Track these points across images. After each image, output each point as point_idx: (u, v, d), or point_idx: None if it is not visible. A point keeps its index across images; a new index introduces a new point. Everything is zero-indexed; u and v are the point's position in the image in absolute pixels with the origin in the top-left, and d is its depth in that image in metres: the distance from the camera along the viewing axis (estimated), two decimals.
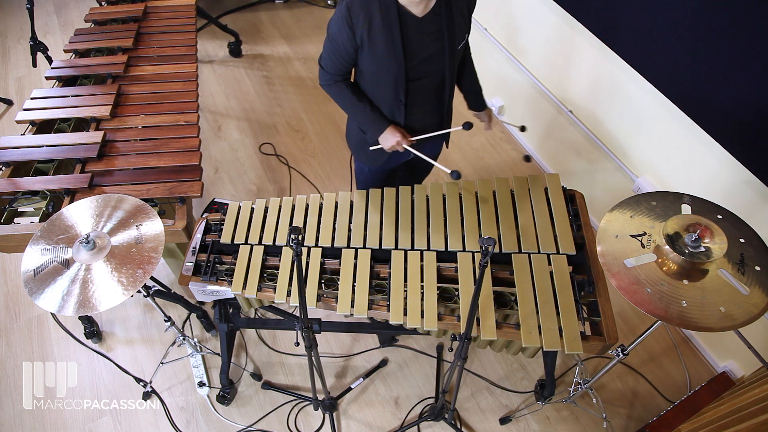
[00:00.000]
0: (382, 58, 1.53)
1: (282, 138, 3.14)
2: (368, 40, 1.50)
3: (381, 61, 1.54)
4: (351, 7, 1.46)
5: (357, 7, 1.46)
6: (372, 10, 1.46)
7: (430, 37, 1.54)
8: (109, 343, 2.34)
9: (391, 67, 1.55)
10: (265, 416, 2.13)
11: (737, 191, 1.85)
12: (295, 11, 4.01)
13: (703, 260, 1.23)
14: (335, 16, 1.52)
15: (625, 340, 2.29)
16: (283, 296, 1.61)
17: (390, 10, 1.47)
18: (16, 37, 3.85)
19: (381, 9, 1.46)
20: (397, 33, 1.49)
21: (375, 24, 1.48)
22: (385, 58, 1.53)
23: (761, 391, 1.57)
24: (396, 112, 1.67)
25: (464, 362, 1.53)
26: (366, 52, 1.54)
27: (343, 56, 1.58)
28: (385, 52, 1.52)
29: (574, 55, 2.36)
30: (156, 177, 1.94)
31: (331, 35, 1.56)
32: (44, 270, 1.42)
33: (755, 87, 1.60)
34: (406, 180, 2.18)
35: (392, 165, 1.92)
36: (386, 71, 1.57)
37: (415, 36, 1.52)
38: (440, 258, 1.64)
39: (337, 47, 1.56)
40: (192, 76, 2.37)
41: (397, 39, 1.50)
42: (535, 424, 2.10)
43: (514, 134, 3.08)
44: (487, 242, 1.08)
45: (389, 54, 1.52)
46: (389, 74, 1.57)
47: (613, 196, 2.48)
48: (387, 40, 1.50)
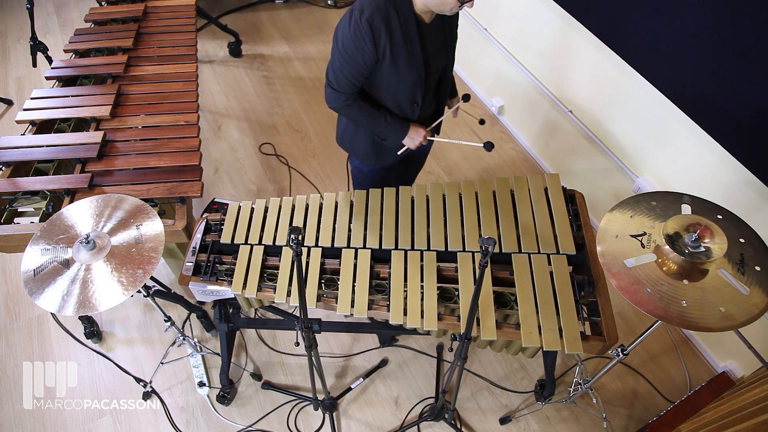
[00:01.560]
0: (403, 68, 1.54)
1: (282, 138, 3.13)
2: (390, 53, 1.49)
3: (401, 71, 1.55)
4: (373, 23, 1.42)
5: (379, 22, 1.42)
6: (392, 24, 1.45)
7: (438, 41, 1.58)
8: (109, 343, 2.34)
9: (411, 75, 1.56)
10: (265, 416, 2.13)
11: (737, 191, 1.85)
12: (295, 11, 4.01)
13: (703, 260, 1.23)
14: (351, 35, 1.45)
15: (625, 340, 2.29)
16: (283, 296, 1.61)
17: (409, 22, 1.47)
18: (16, 37, 3.85)
19: (401, 21, 1.46)
20: (418, 44, 1.51)
21: (396, 37, 1.47)
22: (405, 68, 1.54)
23: (761, 391, 1.57)
24: (409, 111, 1.70)
25: (464, 362, 1.53)
26: (386, 64, 1.52)
27: (363, 74, 1.55)
28: (407, 62, 1.52)
29: (574, 54, 2.37)
30: (156, 177, 1.94)
31: (347, 55, 1.49)
32: (44, 270, 1.42)
33: (755, 87, 1.60)
34: (401, 174, 2.22)
35: (390, 162, 1.93)
36: (405, 80, 1.58)
37: (429, 43, 1.55)
38: (440, 258, 1.64)
39: (357, 66, 1.51)
40: (192, 76, 2.37)
41: (418, 50, 1.52)
42: (535, 424, 2.10)
43: (515, 134, 3.08)
44: (487, 242, 1.08)
45: (410, 63, 1.53)
46: (408, 82, 1.59)
47: (613, 196, 2.48)
48: (409, 52, 1.51)
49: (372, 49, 1.46)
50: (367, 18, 1.41)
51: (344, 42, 1.48)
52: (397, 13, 1.44)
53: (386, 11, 1.43)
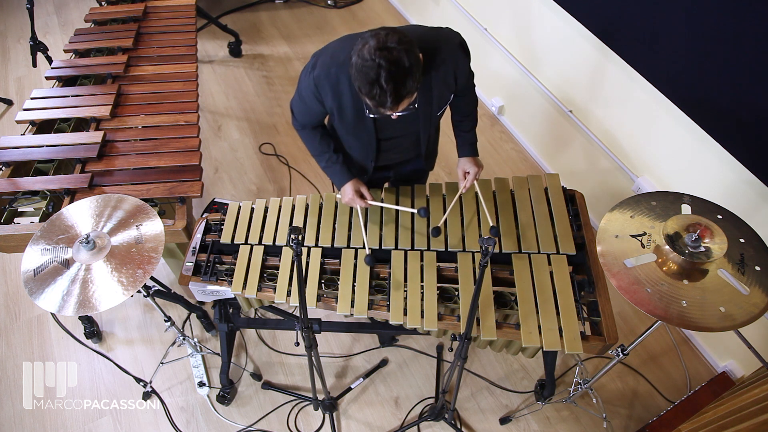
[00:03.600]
0: (353, 128, 1.53)
1: (282, 138, 3.13)
2: (338, 112, 1.47)
3: (351, 130, 1.54)
4: (318, 84, 1.40)
5: (324, 84, 1.40)
6: (341, 87, 1.40)
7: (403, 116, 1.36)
8: (109, 343, 2.34)
9: (362, 137, 1.56)
10: (265, 416, 2.13)
11: (737, 191, 1.85)
12: (295, 11, 4.01)
13: (703, 260, 1.23)
14: (304, 83, 1.44)
15: (625, 340, 2.29)
16: (283, 296, 1.61)
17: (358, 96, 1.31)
18: (16, 37, 3.85)
19: (351, 87, 1.36)
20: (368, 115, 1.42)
21: (345, 99, 1.43)
22: (354, 129, 1.53)
23: (761, 391, 1.57)
24: (365, 164, 1.69)
25: (464, 362, 1.53)
26: (336, 119, 1.52)
27: (312, 116, 1.57)
28: (354, 125, 1.51)
29: (574, 54, 2.36)
30: (156, 177, 1.94)
31: (301, 94, 1.49)
32: (44, 270, 1.42)
33: (755, 87, 1.60)
34: None
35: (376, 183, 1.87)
36: (357, 136, 1.58)
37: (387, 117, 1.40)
38: (440, 258, 1.64)
39: (306, 108, 1.52)
40: (192, 76, 2.37)
41: (368, 118, 1.45)
42: (535, 424, 2.10)
43: (515, 134, 3.08)
44: (487, 242, 1.08)
45: (359, 127, 1.52)
46: (360, 139, 1.58)
47: (613, 196, 2.48)
48: (357, 117, 1.47)
49: (318, 104, 1.47)
50: (314, 77, 1.40)
51: (300, 81, 1.49)
52: (348, 79, 1.35)
53: (336, 78, 1.38)
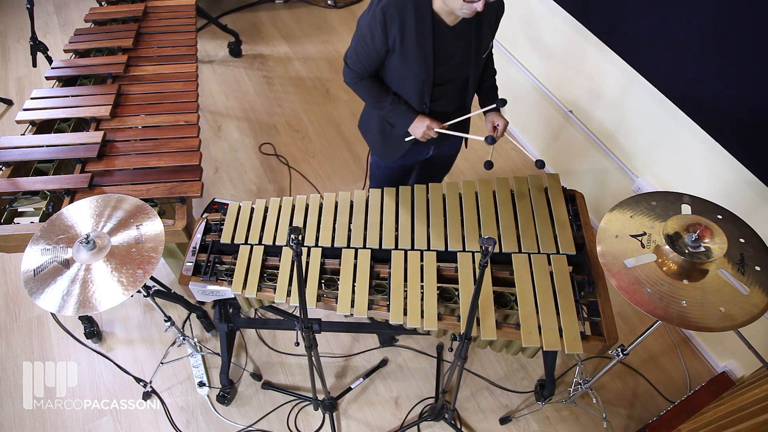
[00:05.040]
0: (412, 63, 1.54)
1: (282, 138, 3.13)
2: (400, 45, 1.50)
3: (410, 65, 1.55)
4: (386, 12, 1.45)
5: (392, 12, 1.45)
6: (407, 16, 1.46)
7: (459, 46, 1.55)
8: (109, 343, 2.34)
9: (420, 72, 1.56)
10: (265, 416, 2.13)
11: (737, 191, 1.85)
12: (295, 11, 4.01)
13: (703, 260, 1.23)
14: (368, 19, 1.50)
15: (625, 340, 2.29)
16: (283, 296, 1.61)
17: (425, 18, 1.46)
18: (16, 37, 3.85)
19: (416, 16, 1.46)
20: (430, 41, 1.50)
21: (408, 30, 1.48)
22: (414, 64, 1.54)
23: (761, 391, 1.57)
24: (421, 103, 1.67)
25: (464, 362, 1.53)
26: (396, 56, 1.54)
27: (373, 58, 1.57)
28: (415, 58, 1.52)
29: (575, 55, 2.36)
30: (156, 177, 1.94)
31: (362, 36, 1.54)
32: (44, 270, 1.42)
33: (755, 87, 1.60)
34: (423, 179, 2.15)
35: (409, 162, 1.92)
36: (414, 76, 1.58)
37: (445, 45, 1.52)
38: (440, 258, 1.64)
39: (368, 49, 1.55)
40: (192, 76, 2.37)
41: (429, 47, 1.51)
42: (535, 424, 2.10)
43: (515, 134, 3.08)
44: (487, 242, 1.08)
45: (420, 60, 1.53)
46: (417, 79, 1.58)
47: (613, 196, 2.48)
48: (419, 47, 1.50)
49: (382, 36, 1.49)
50: (382, 6, 1.45)
51: (361, 22, 1.53)
52: (414, 8, 1.45)
53: (402, 4, 1.44)
